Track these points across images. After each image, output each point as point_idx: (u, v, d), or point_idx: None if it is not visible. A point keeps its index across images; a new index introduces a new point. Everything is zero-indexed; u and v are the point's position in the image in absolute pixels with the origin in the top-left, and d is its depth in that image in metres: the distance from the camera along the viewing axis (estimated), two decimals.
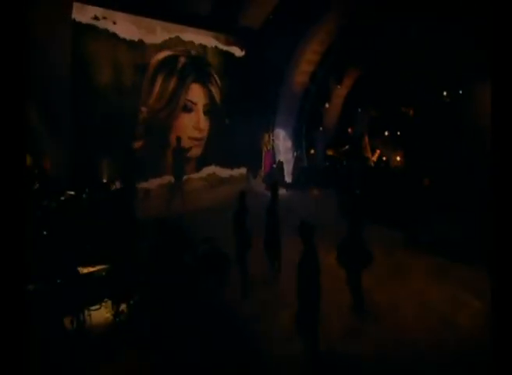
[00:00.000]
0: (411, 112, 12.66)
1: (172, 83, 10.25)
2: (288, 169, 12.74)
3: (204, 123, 11.14)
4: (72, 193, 5.11)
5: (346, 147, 11.68)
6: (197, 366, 3.56)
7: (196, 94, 10.95)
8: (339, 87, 12.75)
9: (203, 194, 10.81)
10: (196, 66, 10.91)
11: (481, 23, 7.19)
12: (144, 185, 9.82)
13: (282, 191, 11.48)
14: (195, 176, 11.40)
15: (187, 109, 10.66)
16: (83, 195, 5.28)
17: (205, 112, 11.14)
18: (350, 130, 14.06)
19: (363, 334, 4.61)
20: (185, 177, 10.62)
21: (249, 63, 12.73)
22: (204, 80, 11.19)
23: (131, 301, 4.12)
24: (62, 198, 4.99)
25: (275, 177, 11.54)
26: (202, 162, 11.49)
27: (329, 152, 11.61)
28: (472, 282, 5.95)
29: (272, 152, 11.77)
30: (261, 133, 11.83)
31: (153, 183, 10.17)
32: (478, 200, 6.67)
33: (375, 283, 6.05)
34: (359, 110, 13.94)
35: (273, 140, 13.48)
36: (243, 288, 5.31)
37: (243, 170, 12.64)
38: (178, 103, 10.40)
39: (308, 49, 11.90)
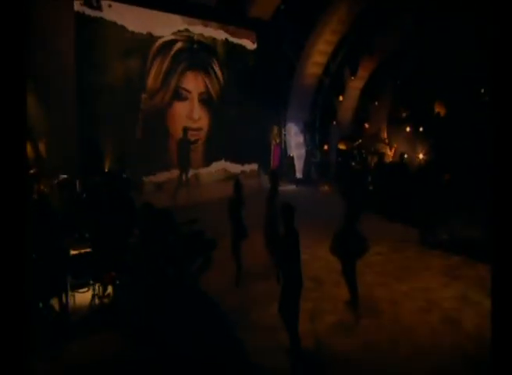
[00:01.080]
0: (442, 109, 12.36)
1: (165, 66, 10.34)
2: (299, 165, 12.60)
3: (198, 112, 11.09)
4: (65, 176, 5.22)
5: (360, 141, 11.45)
6: (180, 350, 3.54)
7: (191, 82, 10.95)
8: (352, 78, 12.54)
9: (211, 188, 10.83)
10: (193, 54, 10.92)
11: None
12: (152, 179, 9.98)
13: (292, 187, 11.45)
14: (204, 170, 11.45)
15: (181, 97, 10.67)
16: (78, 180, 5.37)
17: (201, 102, 11.11)
18: (366, 125, 13.84)
19: (355, 329, 4.52)
20: (194, 171, 10.68)
21: (259, 55, 12.77)
22: (201, 68, 11.16)
23: (117, 283, 4.14)
24: (56, 181, 5.10)
25: (283, 172, 11.47)
26: (210, 156, 11.53)
27: (341, 146, 11.42)
28: (484, 281, 5.77)
29: (281, 146, 11.68)
30: (270, 127, 11.75)
31: (161, 177, 10.31)
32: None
33: (380, 279, 5.98)
34: (376, 103, 13.70)
35: (285, 134, 13.41)
36: (236, 278, 5.29)
37: (254, 166, 12.62)
38: (169, 86, 10.40)
39: (320, 39, 11.80)
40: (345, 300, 5.03)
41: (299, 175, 12.41)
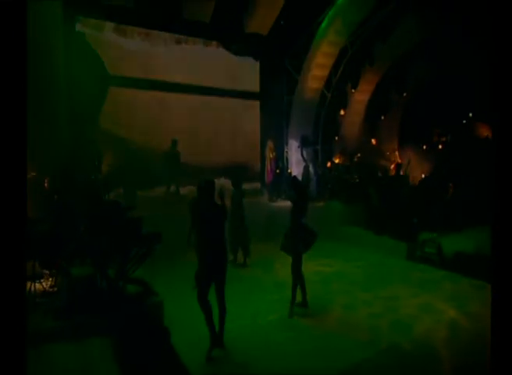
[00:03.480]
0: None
1: None
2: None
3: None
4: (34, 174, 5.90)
5: (358, 155, 11.67)
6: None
7: None
8: (353, 91, 12.95)
9: None
10: None
11: None
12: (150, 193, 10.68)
13: (287, 203, 11.74)
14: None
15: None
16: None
17: None
18: (373, 140, 14.08)
19: (295, 327, 4.79)
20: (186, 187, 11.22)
21: (260, 70, 13.52)
22: None
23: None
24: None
25: (278, 187, 11.81)
26: (208, 172, 12.08)
27: (336, 160, 11.65)
28: (461, 294, 5.82)
29: (275, 160, 12.07)
30: (267, 141, 12.23)
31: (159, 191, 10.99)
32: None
33: (346, 287, 6.16)
34: (382, 117, 13.98)
35: (287, 151, 13.86)
36: None
37: (256, 184, 13.10)
38: None
39: (318, 52, 12.34)
40: (297, 302, 5.27)
41: None
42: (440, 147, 12.81)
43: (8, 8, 2.33)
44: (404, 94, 13.53)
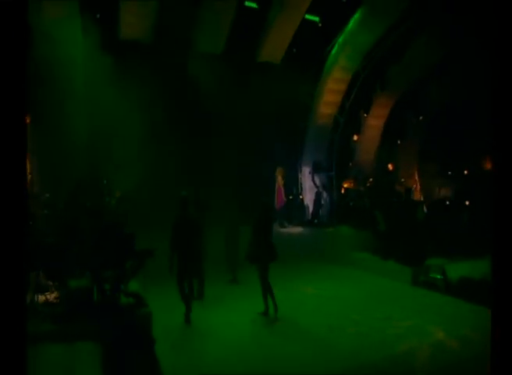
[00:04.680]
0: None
1: None
2: (311, 208, 13.32)
3: None
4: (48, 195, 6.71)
5: (370, 180, 11.99)
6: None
7: None
8: (366, 115, 13.42)
9: None
10: None
11: None
12: None
13: (298, 229, 12.15)
14: None
15: None
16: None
17: None
18: (390, 165, 14.37)
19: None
20: None
21: (272, 97, 14.26)
22: None
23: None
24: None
25: (290, 213, 12.24)
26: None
27: (345, 185, 11.99)
28: (459, 319, 5.98)
29: (285, 187, 12.53)
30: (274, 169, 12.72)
31: None
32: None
33: (339, 309, 6.48)
34: (398, 142, 14.31)
35: (301, 178, 14.36)
36: None
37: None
38: None
39: (330, 78, 13.00)
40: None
41: (309, 217, 13.05)
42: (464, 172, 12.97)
43: (8, 8, 2.43)
44: (421, 118, 13.87)
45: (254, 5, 11.88)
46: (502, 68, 2.53)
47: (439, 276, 7.80)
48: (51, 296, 5.31)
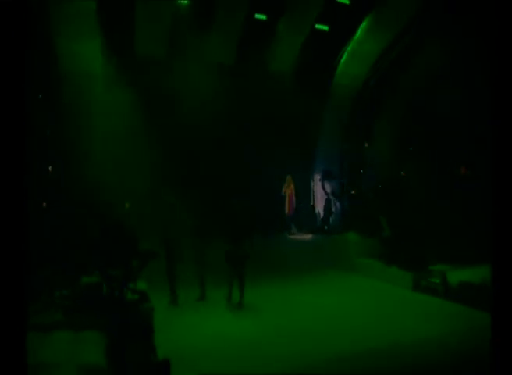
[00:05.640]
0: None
1: None
2: (322, 215, 13.74)
3: None
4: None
5: (379, 187, 12.32)
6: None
7: None
8: (376, 120, 13.78)
9: None
10: None
11: None
12: None
13: (307, 236, 12.59)
14: None
15: None
16: None
17: None
18: (402, 173, 14.63)
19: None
20: None
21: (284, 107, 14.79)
22: None
23: None
24: None
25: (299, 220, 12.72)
26: None
27: (354, 191, 12.34)
28: (449, 320, 6.39)
29: (294, 194, 12.96)
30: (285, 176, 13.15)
31: None
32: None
33: (330, 312, 6.96)
34: (410, 149, 14.55)
35: (313, 186, 14.81)
36: None
37: None
38: None
39: (340, 86, 13.49)
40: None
41: (320, 224, 13.46)
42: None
43: (7, 9, 2.47)
44: (432, 125, 14.09)
45: (263, 17, 12.53)
46: (502, 68, 2.61)
47: (438, 281, 8.08)
48: (67, 291, 6.03)
